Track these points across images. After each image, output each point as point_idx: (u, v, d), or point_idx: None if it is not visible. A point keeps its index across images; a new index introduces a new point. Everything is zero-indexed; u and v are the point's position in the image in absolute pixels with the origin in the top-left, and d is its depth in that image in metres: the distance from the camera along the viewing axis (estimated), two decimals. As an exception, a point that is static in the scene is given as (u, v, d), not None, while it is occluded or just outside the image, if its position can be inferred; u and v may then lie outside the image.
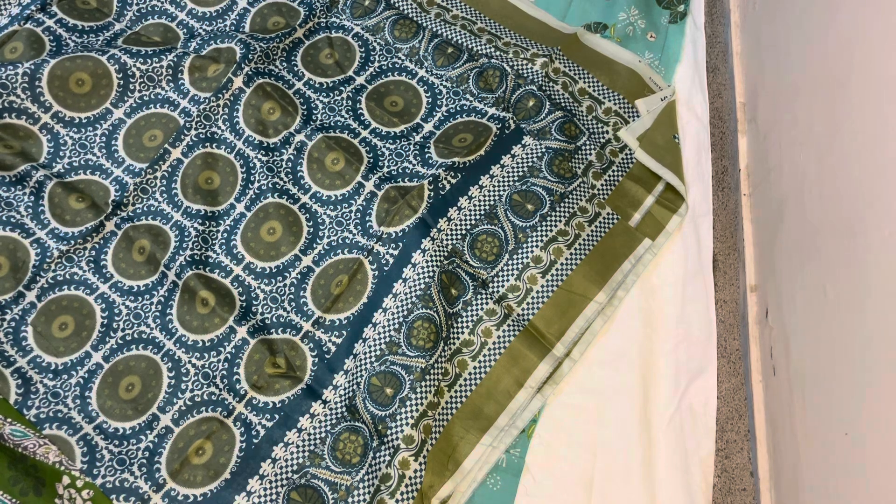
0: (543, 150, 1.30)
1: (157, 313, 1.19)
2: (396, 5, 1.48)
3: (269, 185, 1.28)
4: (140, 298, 1.20)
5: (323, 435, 1.12)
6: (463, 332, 1.17)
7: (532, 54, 1.41)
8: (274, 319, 1.20)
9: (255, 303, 1.21)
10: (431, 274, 1.18)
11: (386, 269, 1.21)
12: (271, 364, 1.15)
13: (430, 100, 1.38)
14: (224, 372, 1.15)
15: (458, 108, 1.37)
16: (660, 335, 1.22)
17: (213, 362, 1.16)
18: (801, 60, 1.19)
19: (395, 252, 1.21)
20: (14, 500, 1.00)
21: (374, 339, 1.16)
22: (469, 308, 1.19)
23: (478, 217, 1.25)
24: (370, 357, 1.15)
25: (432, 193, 1.25)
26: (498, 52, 1.41)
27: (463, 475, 1.09)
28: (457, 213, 1.25)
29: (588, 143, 1.34)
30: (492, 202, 1.26)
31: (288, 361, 1.16)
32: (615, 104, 1.40)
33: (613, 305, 1.23)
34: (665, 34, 1.50)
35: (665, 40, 1.49)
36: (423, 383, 1.10)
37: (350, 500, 1.07)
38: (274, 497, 1.08)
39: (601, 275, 1.23)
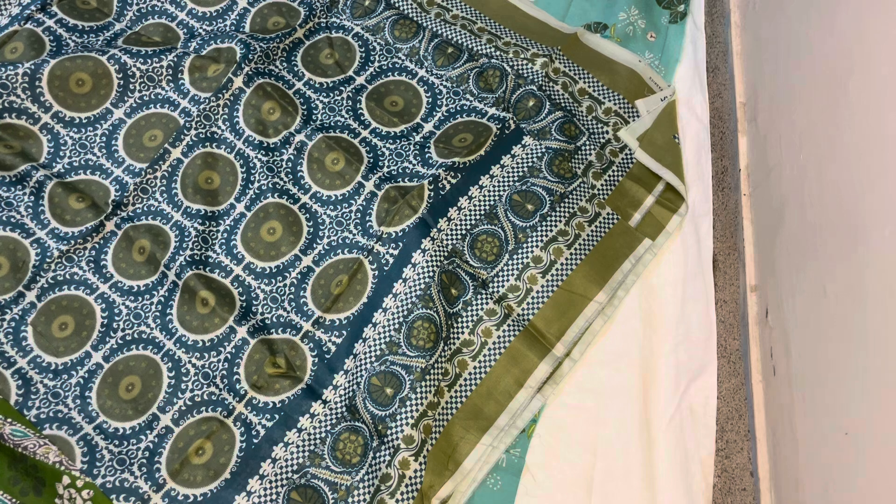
0: (543, 150, 1.30)
1: (157, 313, 1.19)
2: (396, 5, 1.49)
3: (269, 185, 1.28)
4: (140, 298, 1.20)
5: (323, 435, 1.12)
6: (463, 332, 1.17)
7: (532, 54, 1.41)
8: (274, 319, 1.20)
9: (255, 303, 1.21)
10: (431, 274, 1.18)
11: (386, 268, 1.21)
12: (271, 364, 1.15)
13: (430, 100, 1.38)
14: (224, 372, 1.15)
15: (458, 108, 1.37)
16: (660, 335, 1.22)
17: (213, 362, 1.16)
18: (801, 60, 1.19)
19: (395, 252, 1.21)
20: (14, 500, 1.00)
21: (375, 339, 1.16)
22: (469, 308, 1.19)
23: (478, 217, 1.25)
24: (370, 357, 1.15)
25: (432, 193, 1.25)
26: (498, 52, 1.41)
27: (463, 475, 1.09)
28: (457, 213, 1.25)
29: (588, 143, 1.34)
30: (492, 202, 1.26)
31: (288, 361, 1.16)
32: (615, 104, 1.40)
33: (613, 305, 1.23)
34: (665, 34, 1.50)
35: (665, 40, 1.49)
36: (423, 383, 1.10)
37: (350, 500, 1.07)
38: (274, 497, 1.08)
39: (601, 275, 1.23)
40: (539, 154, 1.30)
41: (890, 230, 0.85)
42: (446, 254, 1.21)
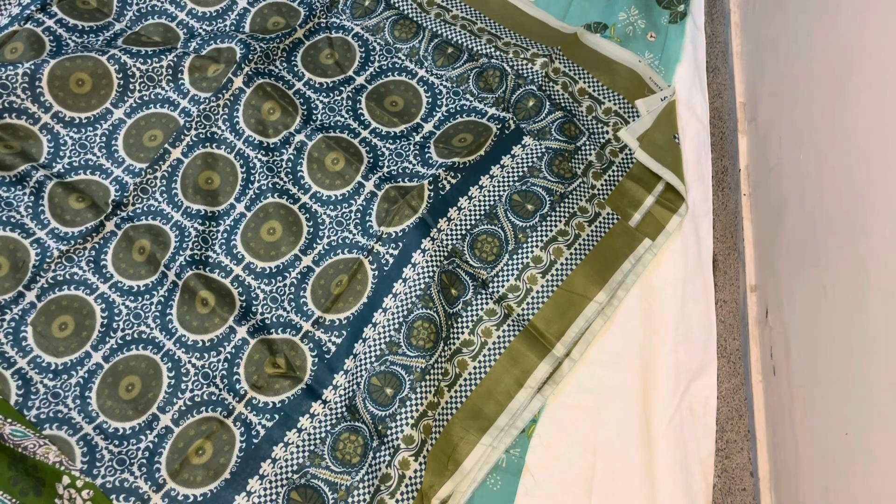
0: (543, 150, 1.30)
1: (157, 313, 1.19)
2: (396, 5, 1.49)
3: (269, 185, 1.28)
4: (140, 298, 1.20)
5: (323, 435, 1.12)
6: (463, 332, 1.17)
7: (532, 54, 1.41)
8: (274, 319, 1.20)
9: (255, 303, 1.21)
10: (431, 274, 1.18)
11: (386, 268, 1.21)
12: (271, 364, 1.15)
13: (430, 100, 1.38)
14: (224, 372, 1.15)
15: (458, 108, 1.37)
16: (660, 335, 1.22)
17: (213, 362, 1.16)
18: (801, 60, 1.19)
19: (395, 252, 1.21)
20: (14, 500, 1.00)
21: (374, 339, 1.16)
22: (469, 308, 1.19)
23: (478, 217, 1.25)
24: (370, 357, 1.15)
25: (432, 193, 1.25)
26: (498, 52, 1.41)
27: (463, 475, 1.09)
28: (457, 214, 1.25)
29: (588, 143, 1.34)
30: (492, 202, 1.26)
31: (288, 361, 1.16)
32: (615, 104, 1.40)
33: (613, 305, 1.23)
34: (665, 34, 1.50)
35: (665, 40, 1.49)
36: (423, 383, 1.10)
37: (350, 500, 1.07)
38: (274, 497, 1.08)
39: (601, 275, 1.23)
40: (539, 154, 1.30)
41: (890, 230, 0.85)
42: (446, 254, 1.21)
